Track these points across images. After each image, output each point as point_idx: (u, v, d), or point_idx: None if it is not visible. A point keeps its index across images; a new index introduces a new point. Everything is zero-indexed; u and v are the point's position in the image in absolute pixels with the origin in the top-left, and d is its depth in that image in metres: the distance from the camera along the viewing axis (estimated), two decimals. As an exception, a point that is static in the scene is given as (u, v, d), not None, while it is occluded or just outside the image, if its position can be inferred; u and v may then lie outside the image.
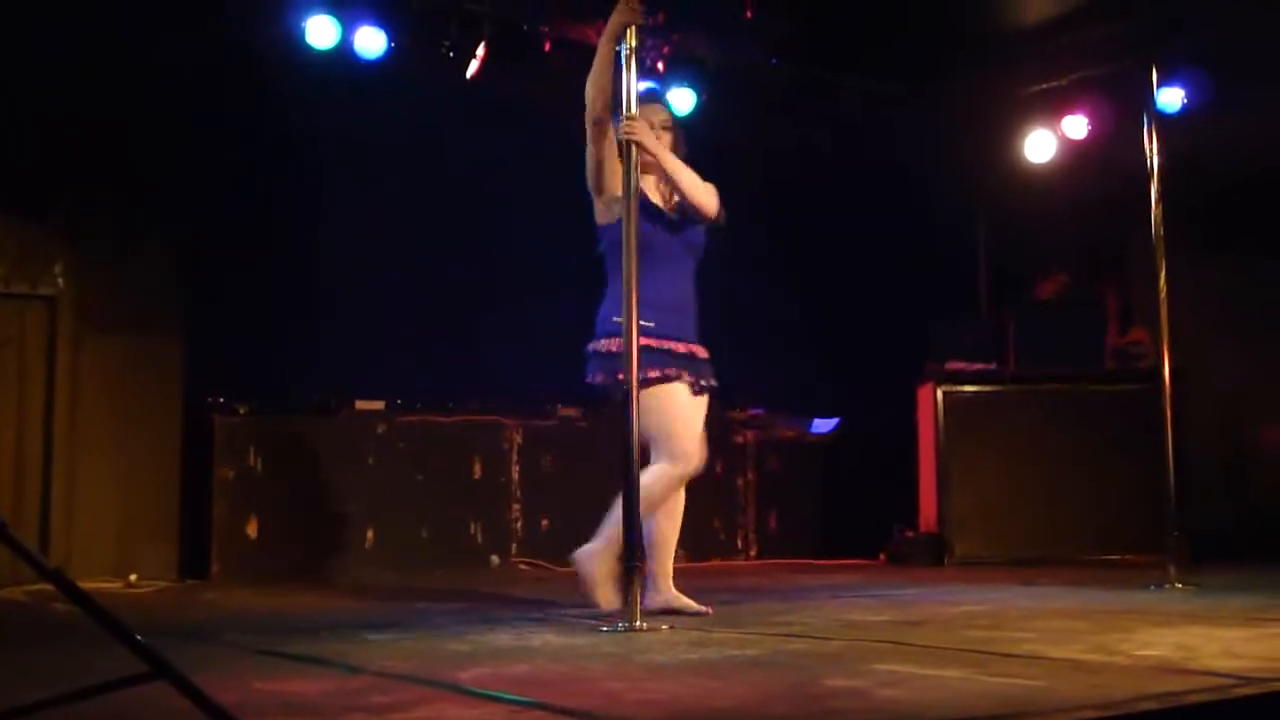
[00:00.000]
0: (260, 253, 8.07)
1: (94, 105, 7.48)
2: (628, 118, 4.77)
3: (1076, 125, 9.08)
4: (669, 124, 5.24)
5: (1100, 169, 8.87)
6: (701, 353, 5.17)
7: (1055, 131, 9.19)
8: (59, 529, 7.32)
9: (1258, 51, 7.97)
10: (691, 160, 5.21)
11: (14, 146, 7.23)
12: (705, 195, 5.13)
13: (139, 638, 2.64)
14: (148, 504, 7.61)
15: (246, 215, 8.01)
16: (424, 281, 8.48)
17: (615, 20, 4.86)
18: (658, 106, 5.33)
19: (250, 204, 8.01)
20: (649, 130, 4.99)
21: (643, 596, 4.56)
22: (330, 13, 7.64)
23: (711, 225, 5.21)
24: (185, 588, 7.25)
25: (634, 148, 4.76)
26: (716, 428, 9.29)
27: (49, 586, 2.78)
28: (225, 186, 7.89)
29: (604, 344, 5.03)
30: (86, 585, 5.22)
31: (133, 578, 7.25)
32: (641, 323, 4.61)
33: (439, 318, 8.44)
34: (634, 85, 4.81)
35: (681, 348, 5.06)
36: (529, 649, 3.97)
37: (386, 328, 8.28)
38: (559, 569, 8.30)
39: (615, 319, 4.79)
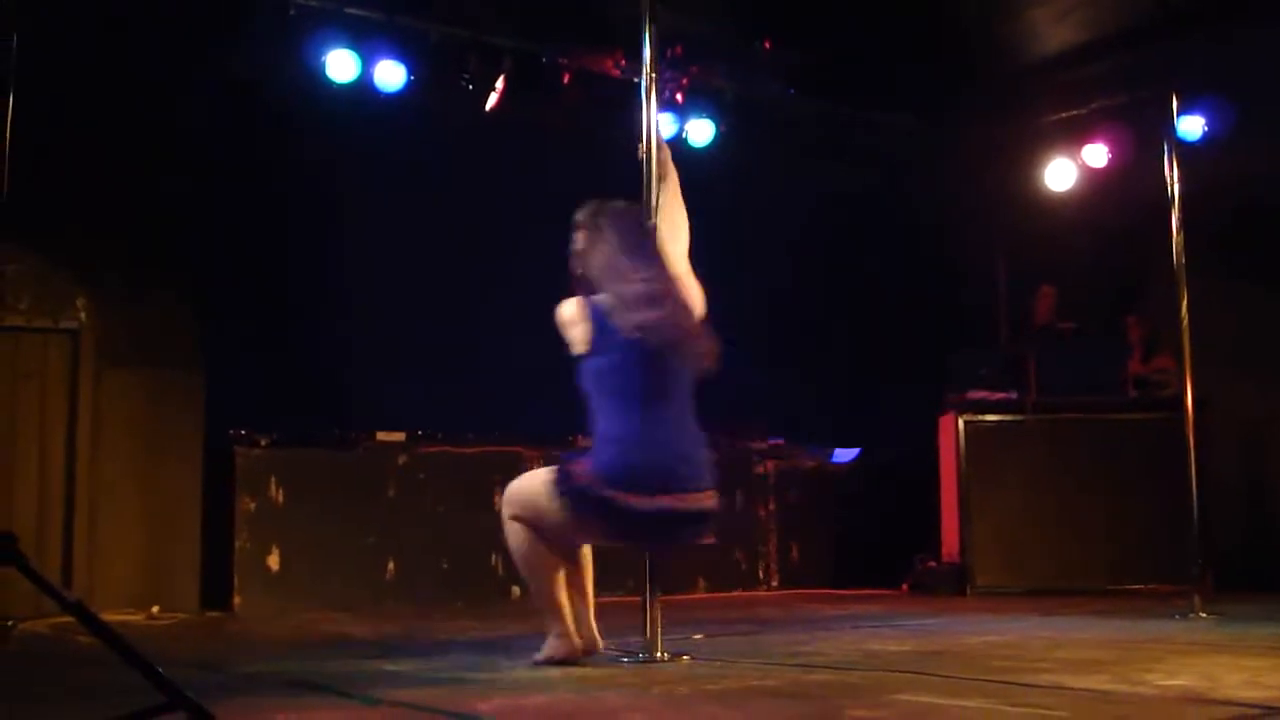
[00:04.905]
0: (281, 285, 8.12)
1: (115, 140, 7.52)
2: None
3: (1097, 154, 9.07)
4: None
5: (1120, 197, 8.85)
6: (681, 502, 4.23)
7: (1075, 160, 9.19)
8: (81, 561, 7.34)
9: (1278, 79, 7.96)
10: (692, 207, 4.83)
11: (37, 183, 7.24)
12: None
13: (159, 669, 2.65)
14: (169, 536, 7.62)
15: (267, 247, 8.05)
16: (444, 312, 8.52)
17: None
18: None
19: (270, 237, 8.05)
20: None
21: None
22: (350, 47, 7.67)
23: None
24: (207, 619, 7.26)
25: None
26: (737, 458, 9.42)
27: (71, 619, 2.79)
28: (246, 219, 7.93)
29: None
30: (108, 617, 5.22)
31: (155, 609, 7.28)
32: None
33: (460, 348, 8.45)
34: (654, 118, 4.84)
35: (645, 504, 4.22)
36: (548, 680, 3.97)
37: (407, 358, 8.31)
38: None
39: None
